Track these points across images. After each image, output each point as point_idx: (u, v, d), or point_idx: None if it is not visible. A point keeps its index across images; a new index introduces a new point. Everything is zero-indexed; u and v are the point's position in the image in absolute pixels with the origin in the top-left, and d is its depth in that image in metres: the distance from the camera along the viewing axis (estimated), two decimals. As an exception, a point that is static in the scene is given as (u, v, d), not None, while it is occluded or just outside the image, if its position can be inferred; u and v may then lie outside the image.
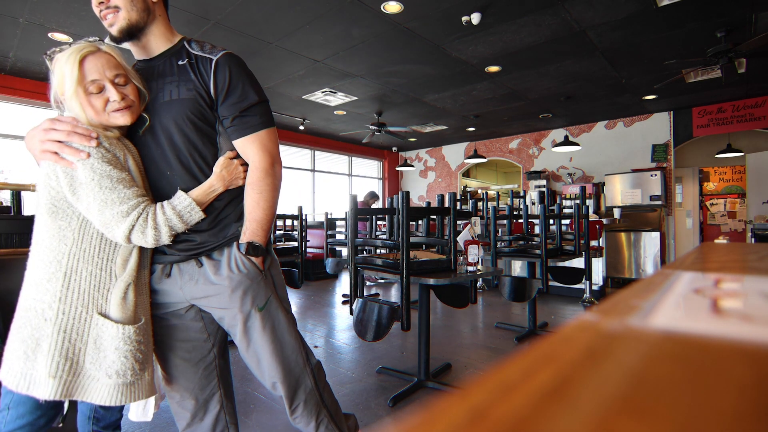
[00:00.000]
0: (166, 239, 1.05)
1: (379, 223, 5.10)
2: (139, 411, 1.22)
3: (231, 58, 1.10)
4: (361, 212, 2.40)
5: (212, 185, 1.10)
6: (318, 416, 1.20)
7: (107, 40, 1.11)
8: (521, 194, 6.24)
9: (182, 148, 1.09)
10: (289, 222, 5.78)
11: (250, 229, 1.11)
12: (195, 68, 1.09)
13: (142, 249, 1.10)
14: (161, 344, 1.19)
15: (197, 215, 1.07)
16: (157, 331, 1.18)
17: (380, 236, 4.67)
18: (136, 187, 1.04)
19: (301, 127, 7.26)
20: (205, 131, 1.10)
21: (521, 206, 5.12)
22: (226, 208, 1.14)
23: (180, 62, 1.11)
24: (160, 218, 1.03)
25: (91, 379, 1.00)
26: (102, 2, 1.05)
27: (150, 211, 1.03)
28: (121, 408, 1.31)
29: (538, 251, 3.08)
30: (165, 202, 1.06)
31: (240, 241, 1.12)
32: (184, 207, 1.06)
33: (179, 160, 1.09)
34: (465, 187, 9.36)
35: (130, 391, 1.03)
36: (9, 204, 3.20)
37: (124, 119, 1.04)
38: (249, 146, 1.11)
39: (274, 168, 1.13)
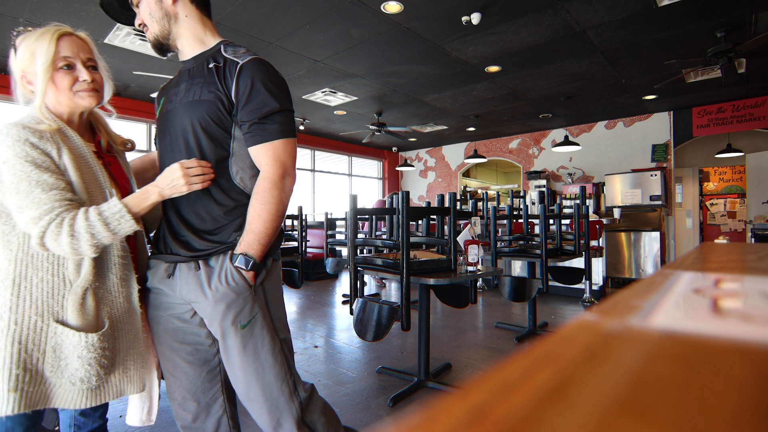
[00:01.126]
0: (87, 249, 0.95)
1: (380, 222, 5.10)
2: (144, 414, 1.20)
3: (257, 64, 1.08)
4: (361, 212, 2.40)
5: (146, 191, 1.04)
6: None
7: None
8: (521, 194, 6.24)
9: (193, 148, 1.09)
10: (289, 222, 5.78)
11: (246, 241, 1.06)
12: (221, 72, 1.08)
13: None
14: (164, 344, 1.17)
15: (128, 225, 0.98)
16: (161, 333, 1.16)
17: (380, 236, 4.67)
18: (57, 189, 0.94)
19: (301, 127, 7.25)
20: (216, 135, 1.09)
21: (521, 206, 5.12)
22: (227, 214, 1.11)
23: (210, 65, 1.11)
24: (80, 224, 0.94)
25: (54, 386, 0.96)
26: (140, 24, 1.14)
27: (68, 217, 0.93)
28: (103, 414, 1.27)
29: (538, 251, 3.08)
30: (92, 207, 0.97)
31: (234, 252, 1.07)
32: (112, 213, 0.97)
33: (187, 157, 1.10)
34: (465, 187, 9.36)
35: (96, 395, 1.01)
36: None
37: (89, 100, 1.05)
38: (262, 155, 1.08)
39: (284, 181, 1.08)
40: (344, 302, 4.86)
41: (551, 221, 3.74)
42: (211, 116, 1.07)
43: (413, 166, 8.57)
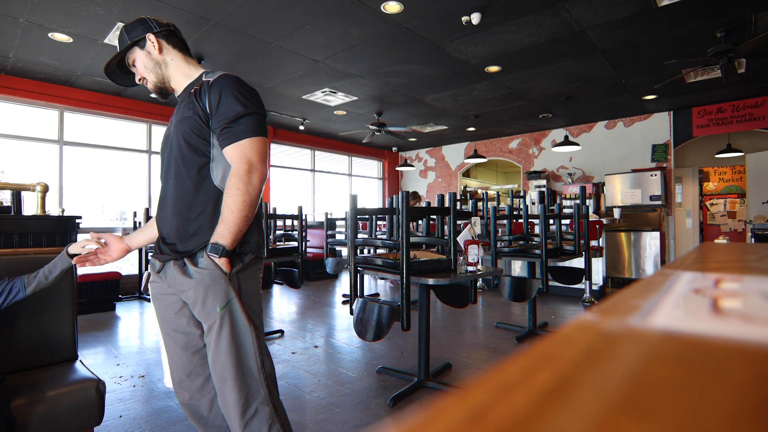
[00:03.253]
0: None
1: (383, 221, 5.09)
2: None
3: (225, 78, 1.22)
4: (361, 212, 2.40)
5: None
6: (270, 427, 1.20)
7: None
8: (521, 194, 6.24)
9: (178, 158, 1.24)
10: (289, 222, 5.77)
11: (218, 231, 1.17)
12: (199, 92, 1.24)
13: None
14: (164, 331, 1.31)
15: None
16: (161, 321, 1.31)
17: (380, 236, 4.67)
18: None
19: (301, 127, 7.25)
20: (196, 144, 1.23)
21: (521, 206, 5.12)
22: (210, 215, 1.22)
23: (192, 90, 1.27)
24: None
25: None
26: (140, 79, 1.33)
27: None
28: None
29: (538, 251, 3.08)
30: None
31: (209, 242, 1.19)
32: None
33: (174, 168, 1.25)
34: (465, 187, 9.36)
35: None
36: (9, 204, 3.20)
37: None
38: (231, 154, 1.20)
39: (250, 175, 1.18)
40: (344, 302, 4.86)
41: (551, 221, 3.74)
42: (192, 129, 1.22)
43: (413, 166, 8.57)
